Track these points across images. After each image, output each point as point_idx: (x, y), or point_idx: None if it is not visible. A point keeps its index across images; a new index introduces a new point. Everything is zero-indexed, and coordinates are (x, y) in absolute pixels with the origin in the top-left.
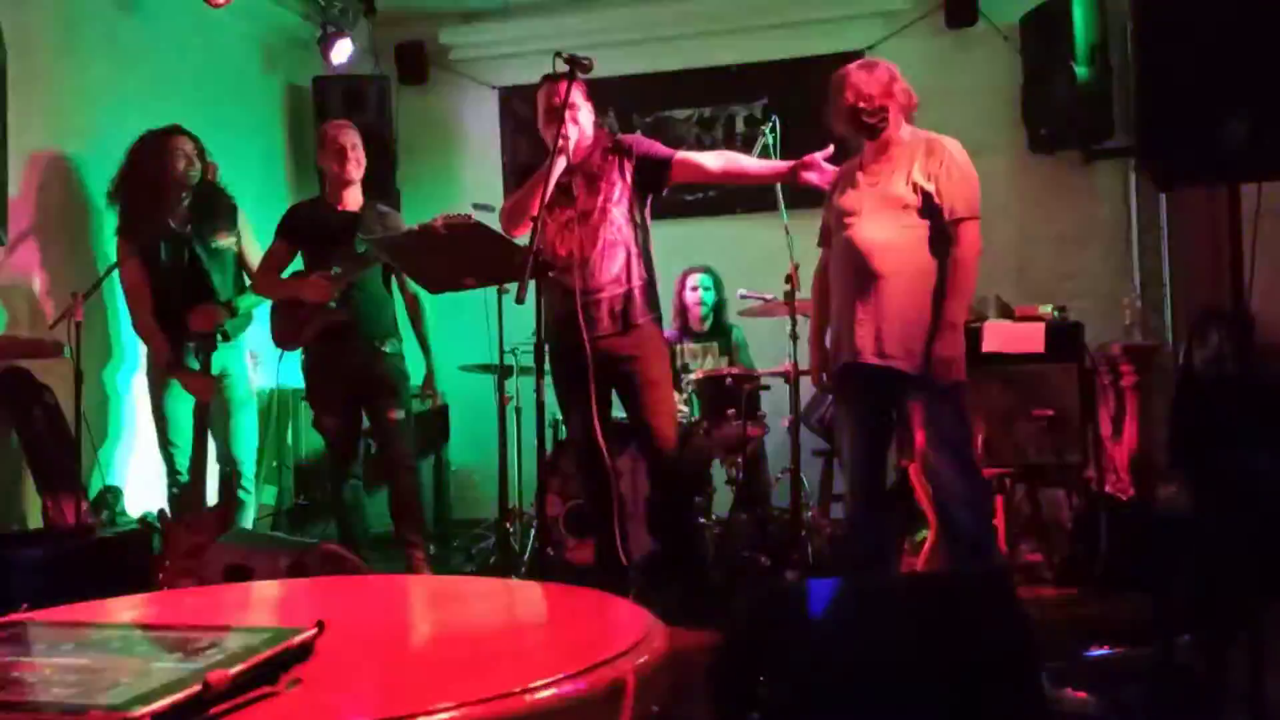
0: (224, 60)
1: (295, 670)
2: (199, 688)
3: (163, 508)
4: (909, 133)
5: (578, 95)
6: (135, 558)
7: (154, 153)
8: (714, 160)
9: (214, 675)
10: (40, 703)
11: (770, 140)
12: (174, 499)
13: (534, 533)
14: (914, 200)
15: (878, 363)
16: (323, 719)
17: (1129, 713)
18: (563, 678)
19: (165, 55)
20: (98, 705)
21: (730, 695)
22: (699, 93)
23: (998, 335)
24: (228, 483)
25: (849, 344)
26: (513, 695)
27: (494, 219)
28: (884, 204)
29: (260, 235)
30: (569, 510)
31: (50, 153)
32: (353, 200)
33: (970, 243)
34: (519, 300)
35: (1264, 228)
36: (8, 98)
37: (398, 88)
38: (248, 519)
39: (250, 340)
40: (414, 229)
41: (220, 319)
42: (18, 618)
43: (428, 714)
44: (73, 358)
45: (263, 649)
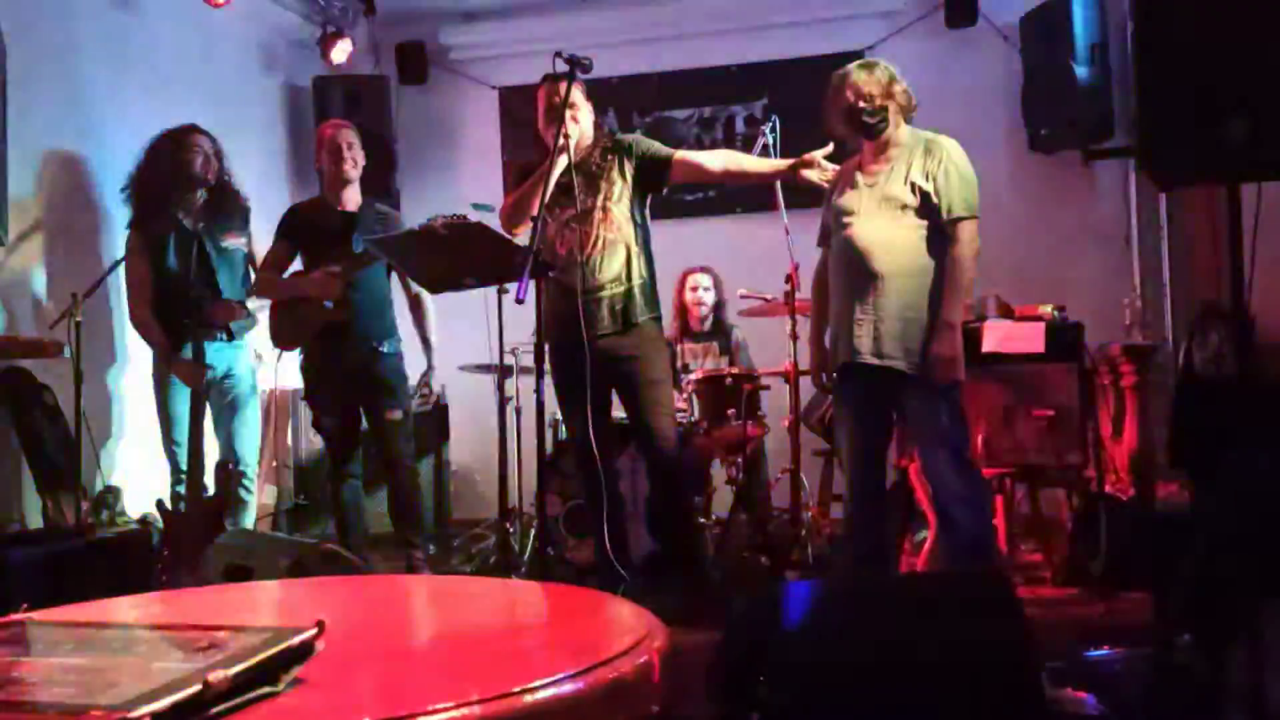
0: (224, 60)
1: (295, 670)
2: (199, 688)
3: (161, 498)
4: (908, 133)
5: (578, 95)
6: (135, 558)
7: (172, 149)
8: (714, 160)
9: (214, 675)
10: (40, 703)
11: (770, 140)
12: (177, 496)
13: (534, 533)
14: (912, 200)
15: (876, 362)
16: (323, 719)
17: (1129, 713)
18: (563, 678)
19: (165, 55)
20: (98, 705)
21: (730, 695)
22: (699, 93)
23: (998, 335)
24: (223, 470)
25: (847, 344)
26: (513, 695)
27: (494, 219)
28: (883, 204)
29: (260, 235)
30: (569, 510)
31: (50, 153)
32: (351, 200)
33: (968, 242)
34: (519, 300)
35: (1264, 228)
36: (8, 98)
37: (398, 88)
38: (248, 519)
39: (254, 340)
40: (414, 229)
41: (240, 315)
42: (18, 618)
43: (428, 714)
44: (73, 358)
45: (263, 649)
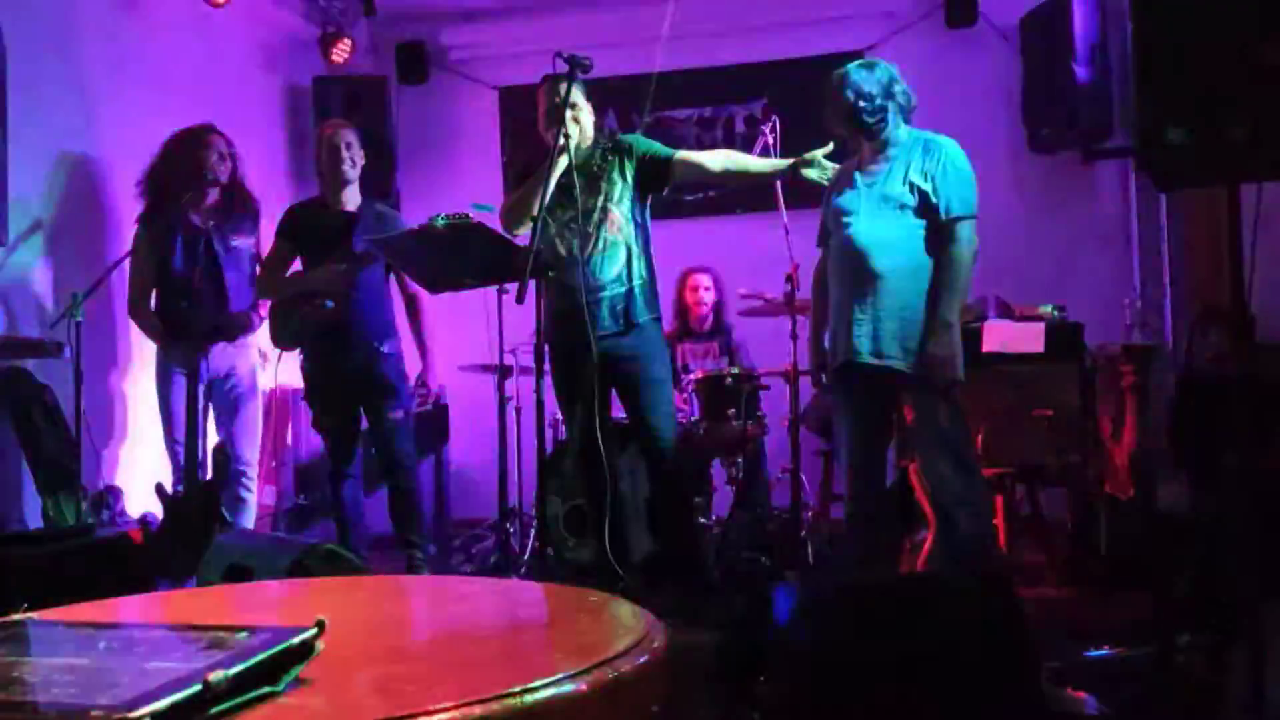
0: (224, 60)
1: (296, 670)
2: (199, 688)
3: (160, 481)
4: (907, 133)
5: (578, 95)
6: (135, 558)
7: (188, 146)
8: (714, 159)
9: (214, 675)
10: (40, 703)
11: (770, 140)
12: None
13: (534, 533)
14: (911, 200)
15: (875, 362)
16: (322, 719)
17: (1129, 713)
18: (563, 677)
19: (165, 55)
20: (98, 705)
21: (730, 695)
22: (699, 93)
23: (998, 335)
24: (220, 453)
25: (846, 343)
26: (513, 695)
27: (494, 219)
28: (881, 203)
29: (263, 235)
30: (569, 510)
31: (50, 152)
32: (351, 200)
33: (966, 241)
34: (519, 300)
35: (1264, 228)
36: (7, 98)
37: (398, 88)
38: (248, 519)
39: (256, 340)
40: (414, 229)
41: (255, 325)
42: (18, 617)
43: (428, 714)
44: (73, 358)
45: (263, 649)
